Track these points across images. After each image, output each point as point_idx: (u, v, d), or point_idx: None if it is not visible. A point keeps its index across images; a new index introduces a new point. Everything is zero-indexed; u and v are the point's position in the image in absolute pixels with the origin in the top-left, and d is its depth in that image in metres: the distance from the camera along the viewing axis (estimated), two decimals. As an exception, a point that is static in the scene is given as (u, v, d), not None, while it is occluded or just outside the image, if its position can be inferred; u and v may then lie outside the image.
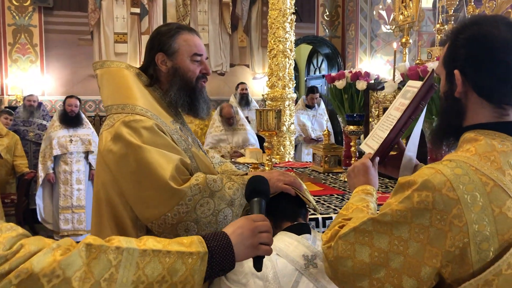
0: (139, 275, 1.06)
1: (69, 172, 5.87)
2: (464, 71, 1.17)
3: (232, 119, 5.64)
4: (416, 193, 1.10)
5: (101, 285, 1.01)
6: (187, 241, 1.16)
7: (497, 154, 1.11)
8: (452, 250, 1.06)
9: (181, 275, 1.09)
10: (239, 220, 1.28)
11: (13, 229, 1.01)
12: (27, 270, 0.95)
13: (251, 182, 1.43)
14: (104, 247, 1.05)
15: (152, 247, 1.10)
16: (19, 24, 7.57)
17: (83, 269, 1.01)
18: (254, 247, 1.23)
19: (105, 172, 1.60)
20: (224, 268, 1.18)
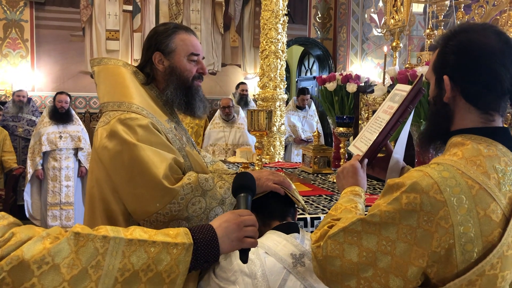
0: (125, 263, 1.10)
1: (58, 169, 5.85)
2: (453, 77, 1.21)
3: (229, 108, 5.78)
4: (404, 195, 1.13)
5: (88, 271, 1.06)
6: (173, 232, 1.20)
7: (482, 159, 1.15)
8: (438, 251, 1.09)
9: (165, 265, 1.14)
10: (225, 214, 1.32)
11: (4, 218, 1.06)
12: (18, 257, 1.00)
13: (237, 178, 1.46)
14: (92, 236, 1.10)
15: (138, 237, 1.15)
16: (10, 19, 7.50)
17: (71, 257, 1.05)
18: (239, 240, 1.28)
19: (99, 169, 1.61)
20: (208, 259, 1.22)
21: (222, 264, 1.54)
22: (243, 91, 7.02)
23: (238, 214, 1.32)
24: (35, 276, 1.01)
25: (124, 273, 1.10)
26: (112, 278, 1.08)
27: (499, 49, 1.16)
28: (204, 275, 1.59)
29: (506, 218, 1.11)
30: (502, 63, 1.15)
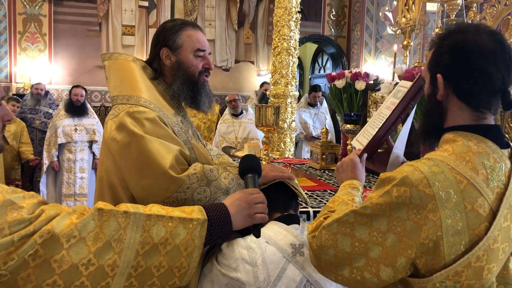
0: (145, 237, 1.18)
1: (73, 161, 5.96)
2: (446, 75, 1.25)
3: (235, 101, 5.97)
4: (395, 188, 1.18)
5: (112, 244, 1.15)
6: (189, 209, 1.29)
7: (472, 155, 1.19)
8: (426, 243, 1.13)
9: (182, 239, 1.22)
10: (236, 193, 1.43)
11: (34, 197, 1.14)
12: (48, 231, 1.08)
13: (244, 160, 1.57)
14: (114, 211, 1.18)
15: (156, 212, 1.23)
16: (29, 13, 7.66)
17: (96, 231, 1.14)
18: (250, 216, 1.38)
19: (108, 159, 1.68)
20: (222, 235, 1.31)
21: (224, 251, 1.60)
22: (266, 91, 7.09)
23: (248, 193, 1.42)
24: (64, 249, 1.09)
25: (145, 246, 1.17)
26: (134, 251, 1.16)
27: (492, 49, 1.20)
28: (207, 262, 1.66)
29: (493, 213, 1.15)
30: (494, 63, 1.19)
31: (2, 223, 1.04)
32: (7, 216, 1.05)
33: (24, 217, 1.07)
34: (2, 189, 1.08)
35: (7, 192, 1.08)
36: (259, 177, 1.56)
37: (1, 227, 1.03)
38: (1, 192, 1.07)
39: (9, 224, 1.04)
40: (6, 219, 1.04)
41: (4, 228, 1.04)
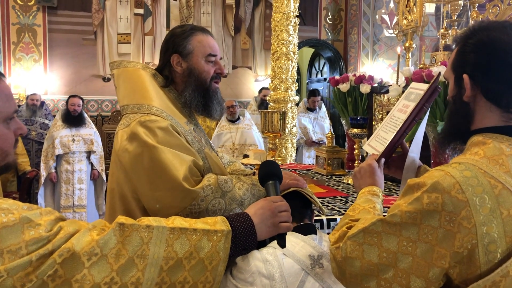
0: (169, 251, 1.13)
1: (71, 172, 5.88)
2: (473, 75, 1.20)
3: (233, 107, 5.92)
4: (426, 194, 1.12)
5: (135, 261, 1.09)
6: (211, 220, 1.23)
7: (505, 158, 1.13)
8: (461, 251, 1.07)
9: (207, 252, 1.16)
10: (259, 201, 1.37)
11: (51, 213, 1.08)
12: (69, 249, 1.02)
13: (263, 167, 1.51)
14: (136, 226, 1.13)
15: (179, 225, 1.17)
16: (23, 23, 7.60)
17: (118, 247, 1.08)
18: (275, 225, 1.32)
19: (119, 171, 1.63)
20: (246, 246, 1.26)
21: (239, 264, 1.54)
22: (265, 96, 7.05)
23: (271, 201, 1.36)
24: (86, 268, 1.03)
25: (169, 261, 1.12)
26: (158, 267, 1.11)
27: None
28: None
29: None
30: None
31: (19, 242, 0.98)
32: (24, 235, 0.99)
33: (42, 235, 1.02)
34: (17, 206, 1.03)
35: (22, 209, 1.02)
36: (280, 183, 1.51)
37: (18, 247, 0.98)
38: (16, 209, 1.01)
39: (26, 243, 0.99)
40: (23, 238, 0.99)
41: (21, 248, 0.98)
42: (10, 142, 1.16)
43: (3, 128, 1.14)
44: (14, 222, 0.99)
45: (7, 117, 1.15)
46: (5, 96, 1.14)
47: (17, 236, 0.98)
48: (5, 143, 1.15)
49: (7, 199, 1.04)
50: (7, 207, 1.00)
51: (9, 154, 1.17)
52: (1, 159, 1.15)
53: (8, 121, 1.15)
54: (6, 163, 1.17)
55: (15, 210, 1.01)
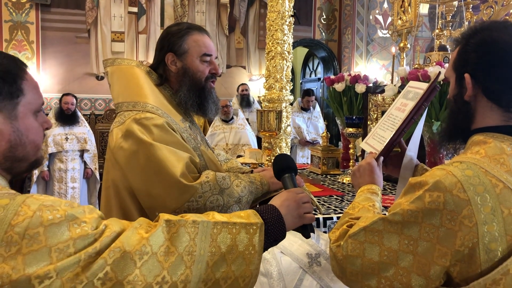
0: (213, 246, 1.10)
1: (64, 170, 5.85)
2: (474, 75, 1.20)
3: (227, 107, 5.88)
4: (427, 193, 1.12)
5: (184, 258, 1.05)
6: (244, 214, 1.21)
7: (506, 157, 1.14)
8: (462, 250, 1.08)
9: (245, 245, 1.14)
10: (283, 193, 1.36)
11: (94, 211, 1.03)
12: (119, 249, 0.97)
13: (277, 160, 1.51)
14: (182, 222, 1.09)
15: (220, 219, 1.15)
16: (15, 21, 7.52)
17: (166, 244, 1.04)
18: (300, 216, 1.32)
19: (114, 169, 1.61)
20: (277, 238, 1.25)
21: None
22: (243, 91, 7.03)
23: (295, 192, 1.36)
24: (137, 268, 0.98)
25: (214, 257, 1.09)
26: (204, 263, 1.07)
27: None
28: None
29: None
30: None
31: (66, 240, 0.93)
32: (70, 233, 0.94)
33: (88, 233, 0.96)
34: (60, 203, 0.98)
35: (66, 206, 0.97)
36: (296, 175, 1.50)
37: (66, 245, 0.93)
38: (59, 206, 0.97)
39: (74, 241, 0.94)
40: (71, 236, 0.94)
41: (69, 246, 0.93)
42: (40, 135, 1.13)
43: (34, 121, 1.11)
44: (60, 219, 0.94)
45: (36, 109, 1.11)
46: (34, 88, 1.11)
47: (64, 233, 0.93)
48: (36, 136, 1.12)
49: (48, 196, 1.00)
50: (51, 203, 0.96)
51: (40, 149, 1.14)
52: (33, 153, 1.12)
53: (37, 113, 1.12)
54: (37, 158, 1.14)
55: (58, 207, 0.96)
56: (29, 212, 0.93)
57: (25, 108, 1.08)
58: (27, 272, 0.88)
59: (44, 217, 0.93)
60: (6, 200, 0.94)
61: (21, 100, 1.07)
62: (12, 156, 1.07)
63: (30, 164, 1.13)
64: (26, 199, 0.95)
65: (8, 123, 1.05)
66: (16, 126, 1.06)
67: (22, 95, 1.07)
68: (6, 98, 1.05)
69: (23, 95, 1.07)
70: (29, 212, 0.93)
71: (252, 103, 7.06)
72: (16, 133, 1.06)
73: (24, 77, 1.09)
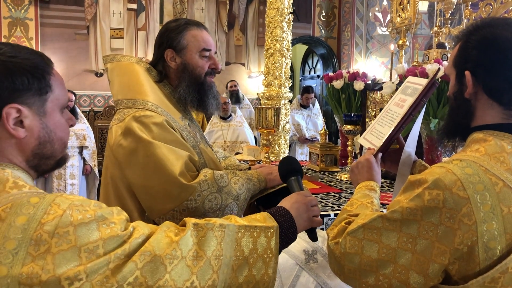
0: (237, 250, 1.09)
1: (63, 167, 5.83)
2: (475, 72, 1.19)
3: (225, 104, 5.87)
4: (427, 191, 1.11)
5: (211, 262, 1.04)
6: (261, 217, 1.21)
7: (506, 155, 1.13)
8: (461, 248, 1.08)
9: (264, 248, 1.14)
10: (292, 195, 1.36)
11: (121, 213, 1.02)
12: (150, 252, 0.96)
13: (282, 164, 1.51)
14: (210, 225, 1.09)
15: (242, 223, 1.15)
16: (15, 17, 7.50)
17: (194, 248, 1.03)
18: (309, 219, 1.33)
19: (113, 166, 1.61)
20: (289, 241, 1.25)
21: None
22: (232, 88, 7.03)
23: (304, 195, 1.36)
24: (167, 272, 0.97)
25: (238, 261, 1.09)
26: (230, 267, 1.06)
27: None
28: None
29: None
30: None
31: (95, 240, 0.91)
32: (100, 233, 0.92)
33: (118, 234, 0.95)
34: (89, 203, 0.96)
35: (94, 206, 0.96)
36: (302, 177, 1.50)
37: (95, 245, 0.91)
38: (88, 206, 0.95)
39: (104, 241, 0.92)
40: (100, 236, 0.92)
41: (98, 246, 0.91)
42: (67, 132, 1.12)
43: (61, 117, 1.09)
44: (90, 219, 0.92)
45: (63, 105, 1.10)
46: (61, 83, 1.09)
47: (93, 234, 0.92)
48: (63, 133, 1.10)
49: (76, 195, 0.98)
50: (81, 203, 0.94)
51: (67, 146, 1.13)
52: (61, 150, 1.10)
53: (63, 110, 1.11)
54: (63, 155, 1.12)
55: (88, 207, 0.94)
56: (59, 211, 0.91)
57: (53, 104, 1.06)
58: (57, 272, 0.86)
59: (74, 216, 0.91)
60: (36, 199, 0.93)
61: (50, 96, 1.05)
62: (40, 153, 1.06)
63: (57, 161, 1.11)
64: (56, 198, 0.94)
65: (37, 119, 1.04)
66: (45, 123, 1.05)
67: (50, 91, 1.05)
68: (36, 94, 1.03)
69: (51, 91, 1.06)
70: (59, 211, 0.91)
71: (242, 99, 7.05)
72: (45, 130, 1.05)
73: (51, 73, 1.07)
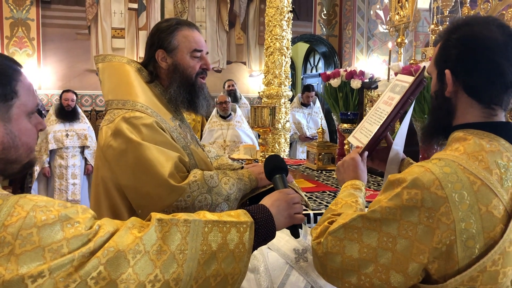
0: (204, 245, 1.11)
1: (65, 167, 5.87)
2: (454, 71, 1.20)
3: (226, 103, 5.83)
4: (405, 190, 1.12)
5: (176, 257, 1.06)
6: (234, 213, 1.23)
7: (485, 154, 1.13)
8: (439, 247, 1.08)
9: (236, 243, 1.16)
10: (274, 193, 1.38)
11: (87, 211, 1.04)
12: (113, 248, 0.99)
13: (269, 161, 1.51)
14: (174, 220, 1.11)
15: (211, 218, 1.16)
16: (16, 18, 7.54)
17: (158, 243, 1.05)
18: (290, 217, 1.33)
19: (104, 167, 1.62)
20: (266, 238, 1.26)
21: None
22: (229, 87, 7.02)
23: (285, 193, 1.37)
24: (130, 266, 0.99)
25: (205, 255, 1.10)
26: (196, 261, 1.08)
27: (503, 42, 1.14)
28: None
29: (508, 214, 1.10)
30: (505, 57, 1.14)
31: (59, 240, 0.94)
32: (64, 233, 0.95)
33: (82, 233, 0.97)
34: (53, 203, 0.98)
35: (59, 206, 0.98)
36: (287, 175, 1.51)
37: (59, 245, 0.93)
38: (53, 206, 0.97)
39: (68, 241, 0.94)
40: (64, 236, 0.94)
41: (63, 246, 0.94)
42: (34, 138, 1.13)
43: (27, 122, 1.10)
44: (53, 220, 0.94)
45: (30, 111, 1.11)
46: (28, 89, 1.11)
47: (57, 234, 0.94)
48: (29, 138, 1.11)
49: (41, 196, 1.00)
50: (45, 204, 0.96)
51: (33, 150, 1.14)
52: (26, 155, 1.11)
53: (31, 115, 1.12)
54: (30, 160, 1.13)
55: (52, 208, 0.96)
56: (22, 212, 0.93)
57: (19, 110, 1.08)
58: (21, 272, 0.89)
59: (37, 218, 0.93)
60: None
61: (15, 102, 1.07)
62: (4, 158, 1.07)
63: (23, 166, 1.13)
64: (19, 199, 0.95)
65: (1, 125, 1.05)
66: (10, 128, 1.06)
67: (16, 97, 1.07)
68: (0, 100, 1.04)
69: (17, 97, 1.07)
70: (23, 212, 0.93)
71: (239, 99, 7.05)
72: (10, 135, 1.06)
73: (18, 79, 1.08)
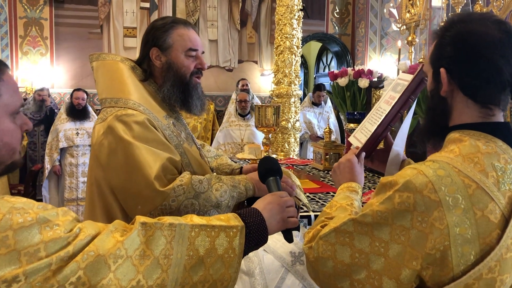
0: (191, 250, 1.08)
1: (75, 165, 5.91)
2: (449, 69, 1.15)
3: (245, 102, 5.75)
4: (397, 194, 1.08)
5: (160, 262, 1.03)
6: (224, 217, 1.20)
7: (481, 156, 1.09)
8: (433, 253, 1.04)
9: (225, 248, 1.13)
10: (267, 196, 1.34)
11: (67, 213, 1.01)
12: (93, 252, 0.96)
13: (262, 163, 1.48)
14: (159, 224, 1.08)
15: (198, 222, 1.13)
16: (30, 17, 7.64)
17: (142, 247, 1.03)
18: (284, 220, 1.30)
19: (97, 166, 1.61)
20: (258, 242, 1.23)
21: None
22: (243, 86, 6.95)
23: (279, 196, 1.34)
24: (111, 271, 0.96)
25: (191, 260, 1.07)
26: (181, 267, 1.06)
27: (499, 39, 1.09)
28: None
29: (505, 219, 1.05)
30: (502, 54, 1.08)
31: (36, 243, 0.90)
32: (42, 236, 0.91)
33: (61, 236, 0.94)
34: (32, 205, 0.95)
35: (38, 208, 0.95)
36: (281, 178, 1.47)
37: (36, 248, 0.90)
38: (31, 208, 0.94)
39: (45, 244, 0.91)
40: (42, 239, 0.91)
41: (40, 249, 0.90)
42: (17, 138, 1.09)
43: (10, 123, 1.07)
44: (31, 222, 0.91)
45: (13, 111, 1.07)
46: (12, 89, 1.07)
47: (34, 237, 0.90)
48: (12, 139, 1.07)
49: (20, 198, 0.97)
50: (22, 206, 0.93)
51: (16, 151, 1.11)
52: (9, 156, 1.08)
53: (15, 115, 1.08)
54: (13, 161, 1.10)
55: (30, 210, 0.93)
56: None
57: (1, 110, 1.05)
58: None
59: (14, 220, 0.90)
60: None
61: None
62: None
63: (6, 167, 1.09)
64: None
65: None
66: None
67: None
68: None
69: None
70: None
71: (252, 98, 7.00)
72: None
73: (1, 78, 1.05)
